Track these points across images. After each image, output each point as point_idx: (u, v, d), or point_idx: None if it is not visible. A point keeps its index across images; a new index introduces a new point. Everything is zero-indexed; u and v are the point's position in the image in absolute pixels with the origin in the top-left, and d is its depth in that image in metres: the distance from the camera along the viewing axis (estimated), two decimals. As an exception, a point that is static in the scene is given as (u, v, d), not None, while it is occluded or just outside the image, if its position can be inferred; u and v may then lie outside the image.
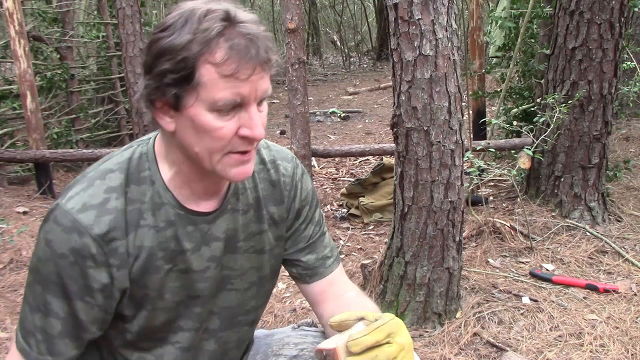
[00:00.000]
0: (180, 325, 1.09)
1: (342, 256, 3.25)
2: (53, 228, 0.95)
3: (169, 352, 1.10)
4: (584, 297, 2.56)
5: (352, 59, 15.07)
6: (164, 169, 1.01)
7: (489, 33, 5.42)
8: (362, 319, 0.97)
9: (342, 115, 7.93)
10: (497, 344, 2.22)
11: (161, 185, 1.00)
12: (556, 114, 3.13)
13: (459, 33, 2.41)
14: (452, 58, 2.22)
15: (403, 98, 2.27)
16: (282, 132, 7.17)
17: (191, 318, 1.09)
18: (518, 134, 4.37)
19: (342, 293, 1.21)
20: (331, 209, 4.13)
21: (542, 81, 3.74)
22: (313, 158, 4.81)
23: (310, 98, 7.63)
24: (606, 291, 2.58)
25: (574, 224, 3.27)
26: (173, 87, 0.89)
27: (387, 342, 0.91)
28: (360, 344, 0.90)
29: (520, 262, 2.95)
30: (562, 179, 3.42)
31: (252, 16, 0.93)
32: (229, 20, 0.89)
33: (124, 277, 0.98)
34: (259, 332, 1.33)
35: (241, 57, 0.87)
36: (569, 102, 3.21)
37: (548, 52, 3.54)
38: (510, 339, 2.27)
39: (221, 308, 1.12)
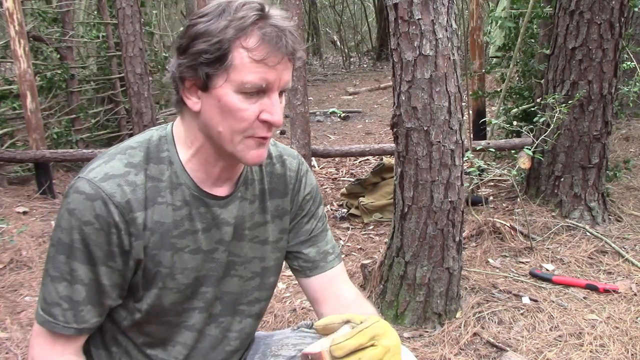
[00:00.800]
0: (187, 307, 1.12)
1: (342, 256, 3.24)
2: (76, 198, 0.99)
3: (175, 332, 1.13)
4: (584, 297, 2.56)
5: (352, 59, 15.06)
6: (181, 152, 1.07)
7: (489, 33, 5.42)
8: (347, 321, 0.97)
9: (342, 115, 7.93)
10: (497, 344, 2.22)
11: (179, 166, 1.06)
12: (556, 114, 3.13)
13: (459, 33, 2.41)
14: (452, 58, 2.22)
15: (403, 98, 2.27)
16: (282, 132, 7.16)
17: (199, 299, 1.12)
18: (518, 134, 4.37)
19: (342, 292, 1.22)
20: (331, 209, 4.13)
21: (542, 81, 3.74)
22: (313, 158, 4.81)
23: (310, 98, 7.63)
24: (606, 291, 2.58)
25: (574, 224, 3.27)
26: (206, 67, 0.96)
27: (372, 345, 0.91)
28: (343, 347, 0.90)
29: (520, 262, 2.95)
30: (562, 179, 3.42)
31: (282, 12, 1.00)
32: (262, 11, 0.96)
33: (140, 248, 1.03)
34: (258, 333, 1.34)
35: (272, 45, 0.95)
36: (569, 102, 3.21)
37: (548, 52, 3.54)
38: (510, 339, 2.27)
39: (224, 293, 1.16)
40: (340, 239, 3.54)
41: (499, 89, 5.11)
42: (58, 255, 1.01)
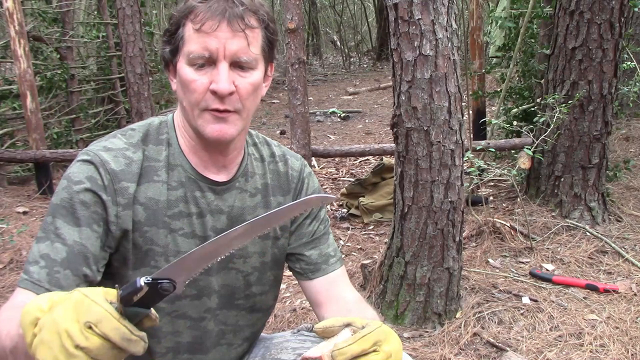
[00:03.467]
0: (177, 294, 1.09)
1: (342, 256, 3.24)
2: (74, 164, 1.04)
3: (166, 322, 1.12)
4: (584, 297, 2.56)
5: (352, 59, 15.06)
6: (180, 135, 1.11)
7: (489, 33, 5.42)
8: (348, 325, 0.96)
9: (342, 115, 7.93)
10: (497, 344, 2.22)
11: (177, 149, 1.10)
12: (556, 114, 3.13)
13: (459, 33, 2.41)
14: (452, 58, 2.22)
15: (403, 98, 2.27)
16: (282, 132, 7.17)
17: (190, 287, 1.12)
18: (518, 134, 4.38)
19: (343, 296, 1.22)
20: (331, 209, 4.13)
21: (542, 81, 3.74)
22: (313, 158, 4.81)
23: (310, 98, 7.64)
24: (606, 291, 2.58)
25: (574, 224, 3.27)
26: (168, 44, 1.04)
27: (374, 351, 0.90)
28: (345, 353, 0.89)
29: (520, 262, 2.95)
30: (562, 179, 3.42)
31: None
32: None
33: (128, 219, 1.04)
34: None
35: (209, 11, 0.97)
36: (569, 102, 3.21)
37: (548, 52, 3.54)
38: (510, 339, 2.27)
39: (220, 286, 1.15)
40: (340, 239, 3.54)
41: (499, 89, 5.11)
42: (47, 217, 1.02)
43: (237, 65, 1.00)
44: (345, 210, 3.99)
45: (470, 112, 4.62)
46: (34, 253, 1.00)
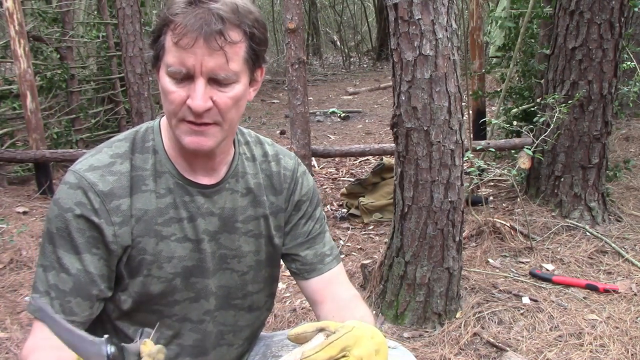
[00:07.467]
0: (178, 299, 1.11)
1: (342, 256, 3.25)
2: (61, 188, 1.03)
3: (168, 325, 1.12)
4: (584, 297, 2.56)
5: (352, 59, 15.06)
6: (167, 139, 1.10)
7: (489, 33, 5.42)
8: (322, 329, 0.93)
9: (342, 115, 7.93)
10: (497, 344, 2.22)
11: (163, 155, 1.09)
12: (556, 114, 3.13)
13: (459, 33, 2.41)
14: (452, 58, 2.22)
15: (403, 98, 2.27)
16: (282, 132, 7.17)
17: (189, 290, 1.12)
18: (518, 134, 4.38)
19: (338, 294, 1.22)
20: (331, 209, 4.13)
21: (542, 81, 3.74)
22: (313, 158, 4.81)
23: (310, 98, 7.63)
24: (606, 291, 2.58)
25: (574, 224, 3.27)
26: (152, 49, 1.02)
27: (343, 356, 0.88)
28: None
29: (520, 262, 2.95)
30: (562, 179, 3.42)
31: (232, 1, 0.97)
32: None
33: (127, 234, 1.04)
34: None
35: (186, 27, 0.94)
36: (569, 102, 3.21)
37: (548, 52, 3.54)
38: (510, 339, 2.27)
39: (217, 287, 1.15)
40: (340, 239, 3.54)
41: (499, 89, 5.11)
42: (46, 244, 1.02)
43: (215, 81, 0.97)
44: (345, 210, 3.99)
45: (470, 112, 4.62)
46: (42, 282, 1.02)
